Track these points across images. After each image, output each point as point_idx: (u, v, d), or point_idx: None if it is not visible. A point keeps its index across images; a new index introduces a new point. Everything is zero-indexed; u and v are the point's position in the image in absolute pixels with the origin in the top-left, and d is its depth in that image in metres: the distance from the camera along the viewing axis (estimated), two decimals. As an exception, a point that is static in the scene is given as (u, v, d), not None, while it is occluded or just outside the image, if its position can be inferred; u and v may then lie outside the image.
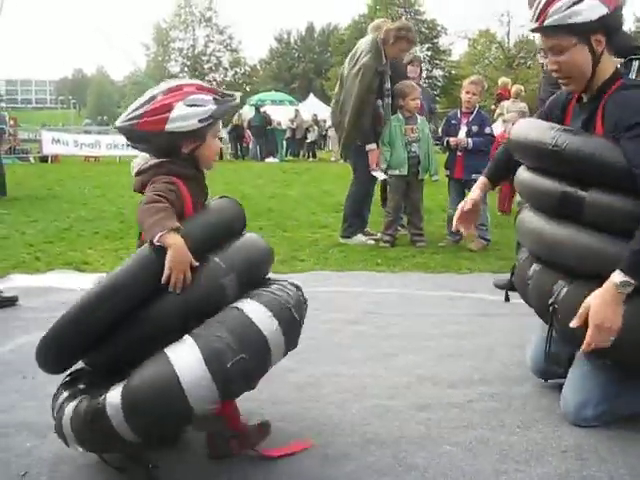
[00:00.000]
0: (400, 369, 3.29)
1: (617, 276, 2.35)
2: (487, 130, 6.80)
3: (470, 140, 6.66)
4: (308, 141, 28.19)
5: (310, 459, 2.39)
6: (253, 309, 2.17)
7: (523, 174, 2.93)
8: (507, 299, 3.20)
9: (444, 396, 2.94)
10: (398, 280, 5.29)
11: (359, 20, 55.26)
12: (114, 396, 2.02)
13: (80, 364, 2.36)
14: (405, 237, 6.98)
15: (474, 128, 6.78)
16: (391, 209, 6.75)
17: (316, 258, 6.08)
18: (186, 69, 61.64)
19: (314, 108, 32.04)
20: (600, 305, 2.37)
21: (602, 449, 2.46)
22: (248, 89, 60.36)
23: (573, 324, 2.44)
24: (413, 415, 2.74)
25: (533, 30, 2.71)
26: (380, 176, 6.70)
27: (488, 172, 3.30)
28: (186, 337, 2.08)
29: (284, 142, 28.00)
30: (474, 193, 3.25)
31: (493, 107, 13.75)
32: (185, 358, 2.02)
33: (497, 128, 9.09)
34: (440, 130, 7.34)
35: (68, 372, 2.37)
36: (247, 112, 28.93)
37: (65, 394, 2.24)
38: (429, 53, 58.28)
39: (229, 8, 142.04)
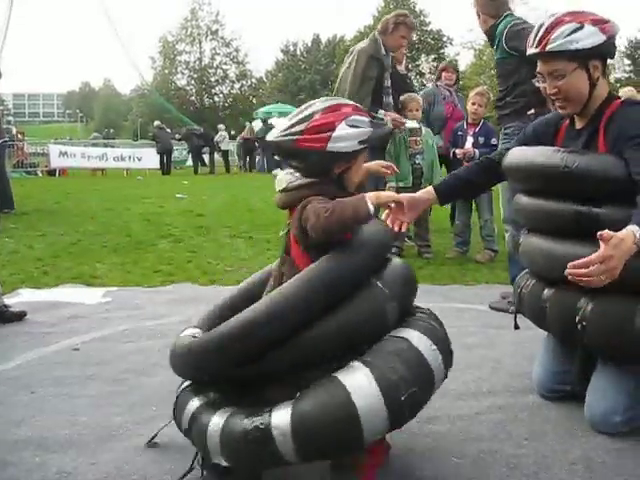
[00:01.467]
0: (407, 381, 3.28)
1: (636, 229, 2.25)
2: (493, 141, 6.82)
3: (477, 151, 6.66)
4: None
5: (317, 472, 2.39)
6: (420, 341, 2.13)
7: (523, 199, 2.97)
8: (517, 327, 3.17)
9: (451, 408, 2.94)
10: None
11: (365, 31, 55.29)
12: (281, 418, 2.00)
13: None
14: (412, 249, 6.98)
15: (480, 139, 6.80)
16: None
17: (323, 270, 6.05)
18: (193, 82, 61.83)
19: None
20: (622, 245, 2.21)
21: (611, 461, 2.46)
22: (255, 101, 60.51)
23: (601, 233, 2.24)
24: (421, 427, 2.74)
25: (534, 55, 2.77)
26: (411, 124, 6.67)
27: (438, 183, 3.16)
28: (357, 364, 2.05)
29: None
30: (405, 195, 2.93)
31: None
32: (362, 387, 1.98)
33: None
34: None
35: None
36: (255, 124, 29.02)
37: (198, 403, 2.23)
38: (435, 64, 58.34)
39: (235, 21, 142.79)
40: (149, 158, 25.05)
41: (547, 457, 2.49)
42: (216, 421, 2.12)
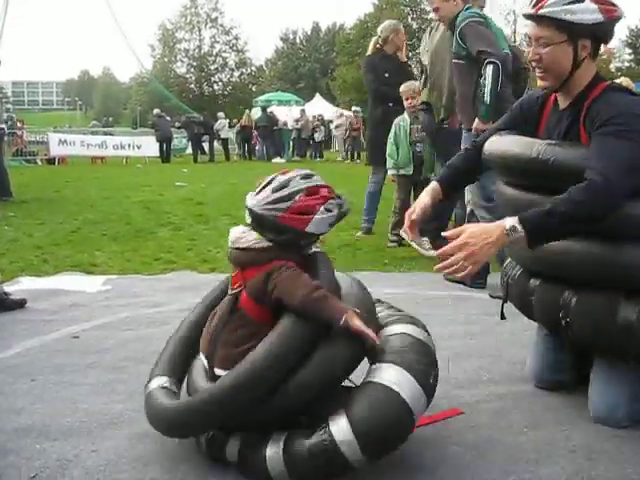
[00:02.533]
0: (408, 370, 3.27)
1: (510, 221, 2.34)
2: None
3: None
4: (315, 141, 28.15)
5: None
6: (415, 330, 2.40)
7: (506, 190, 2.87)
8: (503, 317, 3.10)
9: (452, 397, 2.94)
10: (405, 280, 5.30)
11: (365, 19, 55.10)
12: (341, 430, 2.13)
13: None
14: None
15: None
16: (398, 209, 6.75)
17: (323, 258, 6.04)
18: (192, 70, 61.67)
19: (320, 108, 32.06)
20: (481, 233, 2.34)
21: (611, 449, 2.46)
22: (254, 89, 60.36)
23: (445, 234, 2.43)
24: (421, 416, 2.74)
25: (527, 16, 2.65)
26: None
27: (442, 178, 3.08)
28: (385, 365, 2.23)
29: (291, 142, 28.01)
30: (423, 200, 2.96)
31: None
32: (402, 382, 2.18)
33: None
34: None
35: None
36: (255, 113, 28.98)
37: (239, 441, 2.31)
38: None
39: (235, 9, 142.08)
40: (148, 146, 24.97)
41: (547, 445, 2.50)
42: (273, 450, 2.22)
